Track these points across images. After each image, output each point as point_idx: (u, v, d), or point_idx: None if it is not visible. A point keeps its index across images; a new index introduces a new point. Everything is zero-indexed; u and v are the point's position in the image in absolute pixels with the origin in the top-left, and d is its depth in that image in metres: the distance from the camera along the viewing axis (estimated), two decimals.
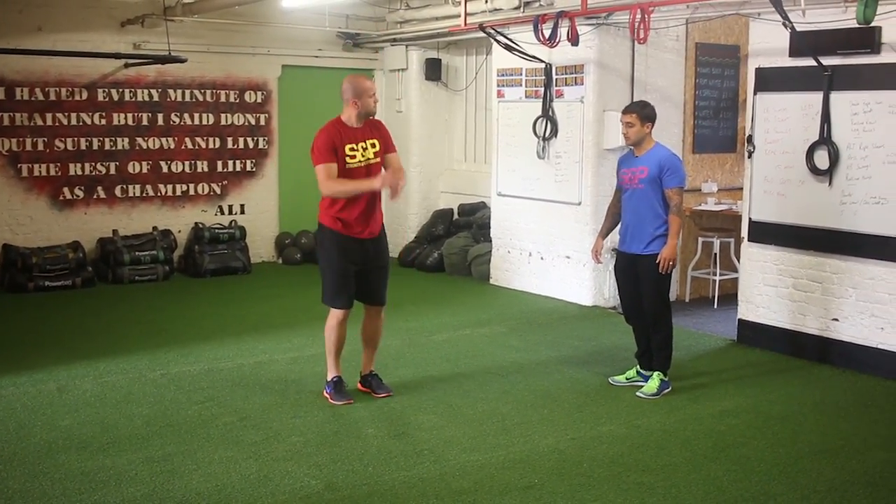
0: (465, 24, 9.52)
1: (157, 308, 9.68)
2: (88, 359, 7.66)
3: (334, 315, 6.63)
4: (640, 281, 6.89)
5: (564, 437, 5.97)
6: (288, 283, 11.16)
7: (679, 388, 6.97)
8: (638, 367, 7.09)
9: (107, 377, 7.19)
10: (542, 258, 10.27)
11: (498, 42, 9.61)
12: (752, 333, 8.20)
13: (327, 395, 6.65)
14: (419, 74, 12.29)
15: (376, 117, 6.75)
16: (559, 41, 8.68)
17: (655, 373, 6.88)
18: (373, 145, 6.55)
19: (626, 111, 6.83)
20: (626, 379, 7.07)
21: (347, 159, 6.43)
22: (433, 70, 12.14)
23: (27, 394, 6.76)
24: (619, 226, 7.22)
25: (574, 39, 8.54)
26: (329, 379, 6.72)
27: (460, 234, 11.67)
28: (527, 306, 9.90)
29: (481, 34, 9.95)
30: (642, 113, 6.76)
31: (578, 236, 9.78)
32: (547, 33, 8.73)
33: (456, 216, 12.20)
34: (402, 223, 12.74)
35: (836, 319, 7.59)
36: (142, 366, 7.52)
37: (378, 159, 6.58)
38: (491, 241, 11.02)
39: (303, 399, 6.69)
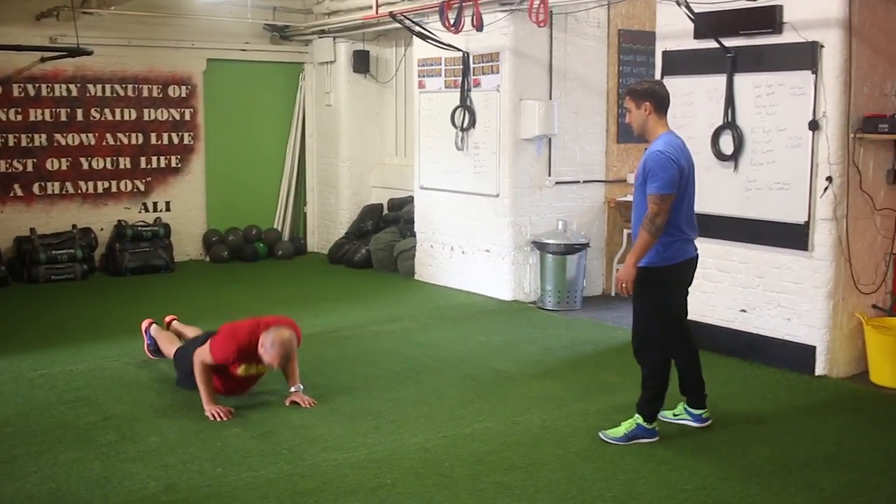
0: (377, 12, 9.26)
1: (64, 307, 9.39)
2: None
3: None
4: None
5: (436, 436, 5.69)
6: (208, 281, 10.89)
7: (577, 384, 6.73)
8: (685, 402, 5.92)
9: None
10: (463, 252, 10.00)
11: (411, 31, 9.34)
12: None
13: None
14: (347, 67, 12.00)
15: None
16: (462, 27, 8.40)
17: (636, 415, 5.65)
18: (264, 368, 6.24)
19: (622, 96, 5.75)
20: (674, 415, 5.89)
21: (238, 370, 6.13)
22: (361, 62, 11.85)
23: None
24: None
25: (478, 25, 8.27)
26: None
27: (387, 230, 11.41)
28: (445, 301, 9.63)
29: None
30: (635, 92, 5.52)
31: (497, 229, 9.52)
32: (452, 19, 8.46)
33: (386, 211, 11.92)
34: (332, 219, 12.48)
35: (744, 311, 7.33)
36: (24, 365, 7.23)
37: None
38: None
39: (179, 398, 6.39)
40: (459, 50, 9.47)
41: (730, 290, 7.41)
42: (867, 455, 5.39)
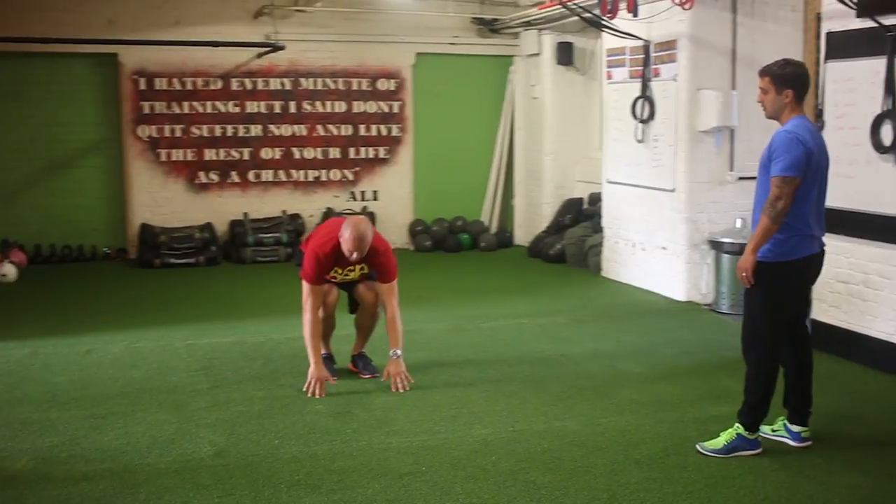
0: (550, 0, 9.09)
1: (250, 286, 10.02)
2: (135, 327, 8.08)
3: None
4: None
5: (506, 430, 5.52)
6: (401, 269, 11.03)
7: (694, 390, 6.27)
8: (786, 417, 5.37)
9: (138, 343, 7.53)
10: (643, 249, 9.59)
11: (583, 18, 9.08)
12: (825, 336, 7.15)
13: None
14: (552, 59, 11.83)
15: (380, 243, 6.40)
16: (618, 11, 8.03)
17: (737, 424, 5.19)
18: (361, 268, 6.43)
19: (760, 73, 5.13)
20: (772, 431, 5.34)
21: (336, 278, 6.41)
22: (564, 54, 11.62)
23: (58, 353, 7.22)
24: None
25: (632, 9, 7.88)
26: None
27: (581, 224, 11.15)
28: (616, 299, 9.30)
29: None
30: (778, 77, 5.00)
31: (673, 226, 9.04)
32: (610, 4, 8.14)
33: (586, 205, 11.65)
34: (535, 212, 12.38)
35: None
36: (178, 335, 7.79)
37: (359, 277, 6.50)
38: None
39: (291, 373, 6.62)
40: (640, 38, 9.09)
41: (890, 299, 6.59)
42: None
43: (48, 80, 11.16)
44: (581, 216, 11.51)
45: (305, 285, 6.28)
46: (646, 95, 9.24)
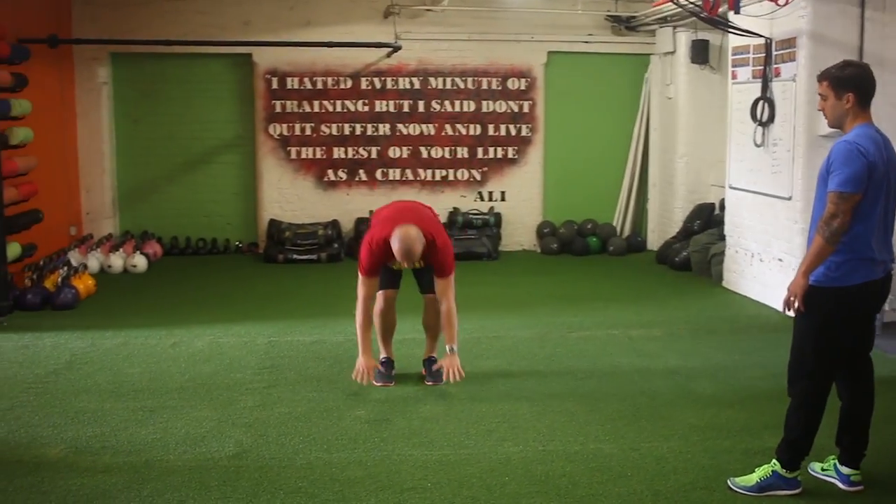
0: None
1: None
2: (228, 321, 8.31)
3: (378, 297, 6.50)
4: None
5: (535, 448, 5.30)
6: (517, 273, 10.95)
7: (759, 418, 5.79)
8: (837, 457, 4.93)
9: (223, 338, 7.72)
10: (760, 260, 9.00)
11: (698, 17, 8.57)
12: None
13: None
14: (686, 57, 11.28)
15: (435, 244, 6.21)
16: (719, 8, 7.54)
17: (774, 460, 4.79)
18: (419, 262, 6.30)
19: (818, 77, 4.72)
20: (822, 469, 4.94)
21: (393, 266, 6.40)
22: (699, 52, 11.04)
23: (146, 345, 7.52)
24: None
25: (733, 5, 7.37)
26: (379, 359, 6.64)
27: (708, 231, 10.58)
28: (725, 311, 8.77)
29: None
30: (836, 79, 4.59)
31: (788, 236, 8.44)
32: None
33: (717, 211, 11.04)
34: (668, 217, 11.87)
35: None
36: (265, 331, 7.94)
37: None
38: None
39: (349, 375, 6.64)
40: (760, 36, 8.51)
41: None
42: None
43: (186, 79, 11.67)
44: (711, 222, 10.92)
45: (361, 279, 6.27)
46: (766, 96, 8.64)
